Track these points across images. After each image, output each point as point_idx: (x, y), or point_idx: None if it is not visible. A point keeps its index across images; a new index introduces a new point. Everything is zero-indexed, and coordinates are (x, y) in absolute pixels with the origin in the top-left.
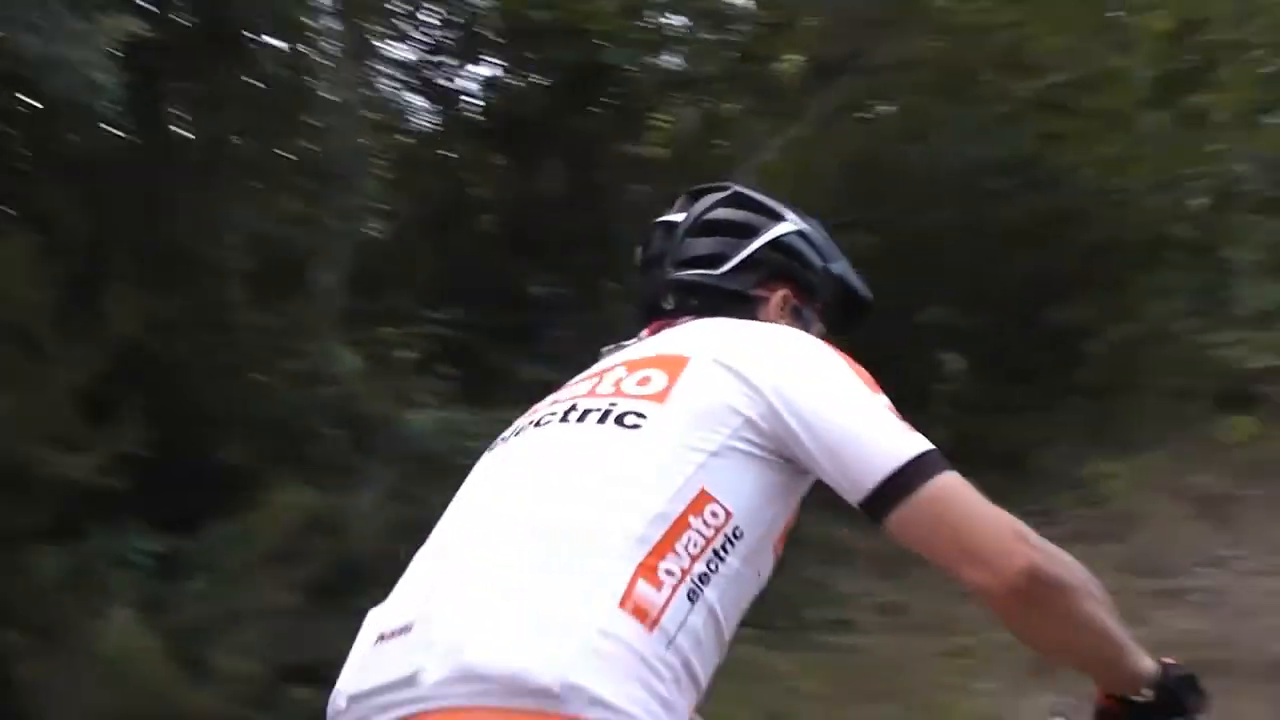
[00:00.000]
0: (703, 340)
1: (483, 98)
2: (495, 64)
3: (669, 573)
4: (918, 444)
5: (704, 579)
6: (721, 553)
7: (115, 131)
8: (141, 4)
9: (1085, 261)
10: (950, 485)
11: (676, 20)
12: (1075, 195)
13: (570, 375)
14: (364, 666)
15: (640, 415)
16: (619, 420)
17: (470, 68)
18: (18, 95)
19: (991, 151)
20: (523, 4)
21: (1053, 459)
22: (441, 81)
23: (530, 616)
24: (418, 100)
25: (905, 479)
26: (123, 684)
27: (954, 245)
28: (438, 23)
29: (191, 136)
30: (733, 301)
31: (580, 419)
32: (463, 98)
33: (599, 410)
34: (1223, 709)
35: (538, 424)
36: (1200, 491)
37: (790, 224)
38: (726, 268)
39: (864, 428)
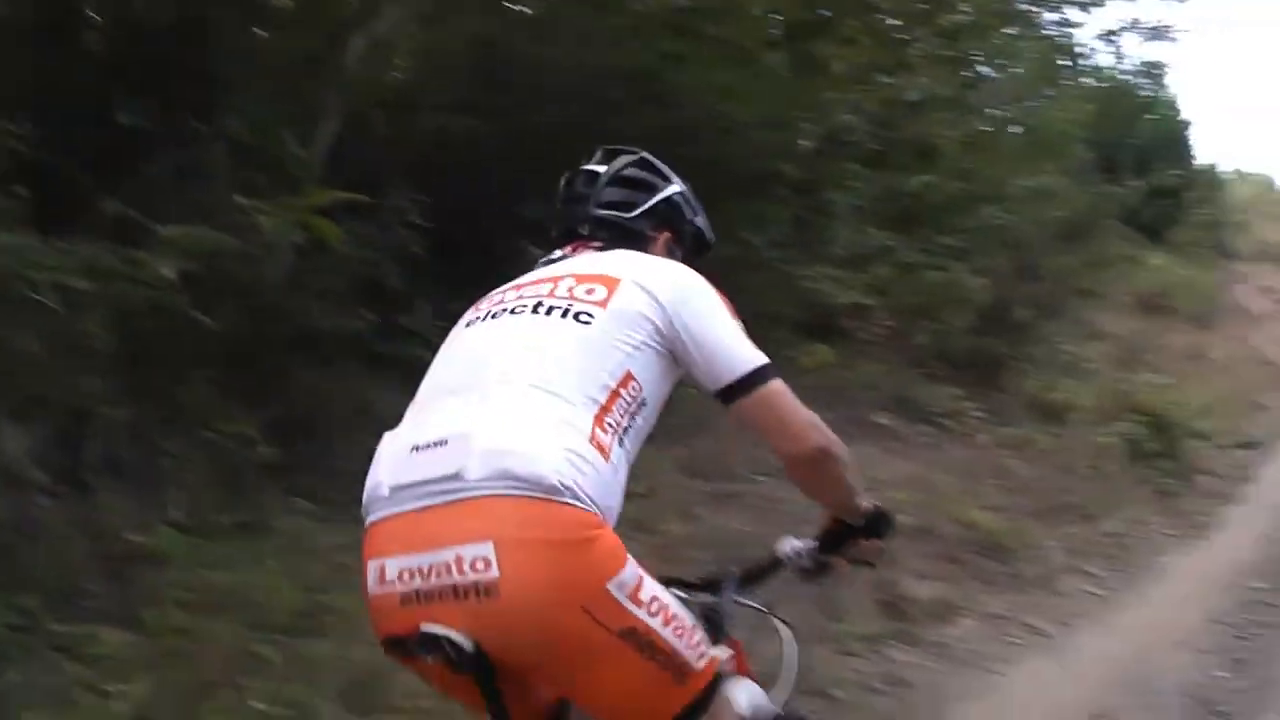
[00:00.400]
0: (628, 267)
1: None
2: None
3: (610, 425)
4: (761, 357)
5: (626, 431)
6: (635, 415)
7: None
8: None
9: (690, 181)
10: (778, 387)
11: None
12: (688, 116)
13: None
14: (404, 467)
15: (590, 315)
16: (576, 317)
17: None
18: None
19: (615, 61)
20: None
21: None
22: None
23: (539, 441)
24: None
25: (751, 380)
26: None
27: (566, 147)
28: None
29: None
30: (633, 238)
31: (548, 312)
32: None
33: (560, 308)
34: None
35: (513, 311)
36: None
37: (676, 186)
38: (634, 214)
39: (727, 340)
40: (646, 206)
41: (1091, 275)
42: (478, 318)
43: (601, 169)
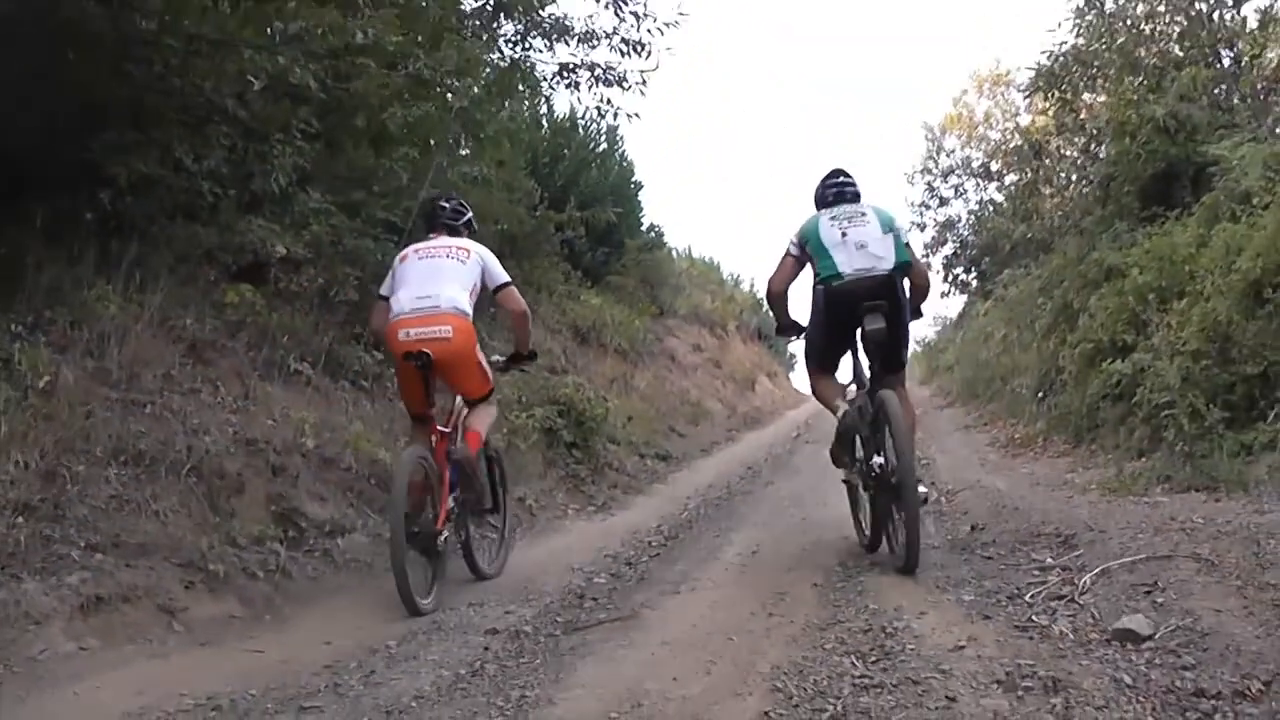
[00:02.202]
0: (472, 243)
1: None
2: None
3: (470, 298)
4: (507, 276)
5: (474, 302)
6: (475, 298)
7: None
8: None
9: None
10: (513, 286)
11: None
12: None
13: None
14: (408, 304)
15: (464, 261)
16: (460, 260)
17: None
18: None
19: None
20: None
21: (60, 280)
22: None
23: (459, 299)
24: None
25: (506, 284)
26: None
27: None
28: None
29: None
30: (460, 232)
31: (448, 256)
32: None
33: (453, 258)
34: None
35: (434, 256)
36: (187, 334)
37: (469, 214)
38: (463, 221)
39: (498, 269)
40: (467, 218)
41: (528, 291)
42: (419, 256)
43: (446, 202)
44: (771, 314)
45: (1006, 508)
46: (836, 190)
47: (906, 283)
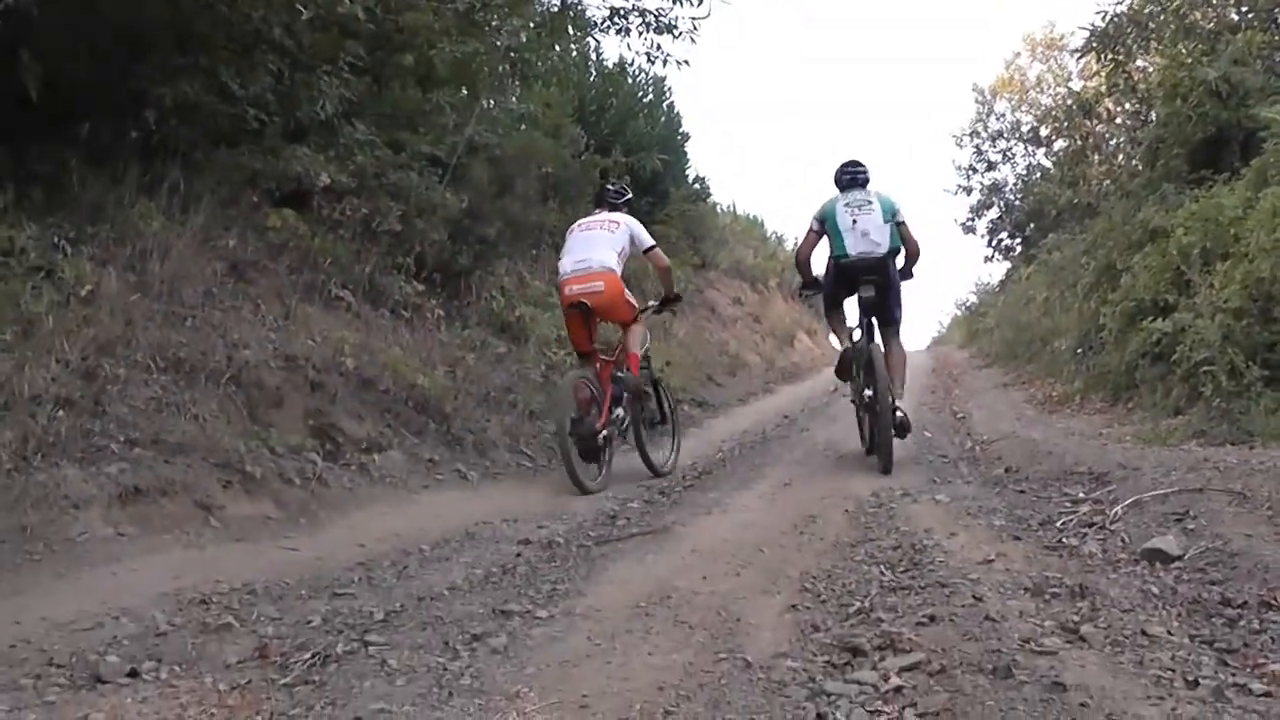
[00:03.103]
0: (623, 216)
1: None
2: None
3: (617, 268)
4: (652, 240)
5: (623, 265)
6: (624, 260)
7: None
8: None
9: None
10: (657, 249)
11: None
12: None
13: None
14: (570, 270)
15: (613, 231)
16: (610, 231)
17: None
18: None
19: None
20: None
21: (103, 198)
22: None
23: (611, 262)
24: None
25: (651, 247)
26: None
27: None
28: None
29: None
30: (620, 208)
31: (601, 228)
32: None
33: (605, 229)
34: None
35: (588, 229)
36: (229, 254)
37: (629, 194)
38: (623, 200)
39: (646, 236)
40: (628, 197)
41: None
42: (580, 230)
43: (611, 186)
44: (799, 274)
45: (1041, 452)
46: (850, 177)
47: (900, 256)
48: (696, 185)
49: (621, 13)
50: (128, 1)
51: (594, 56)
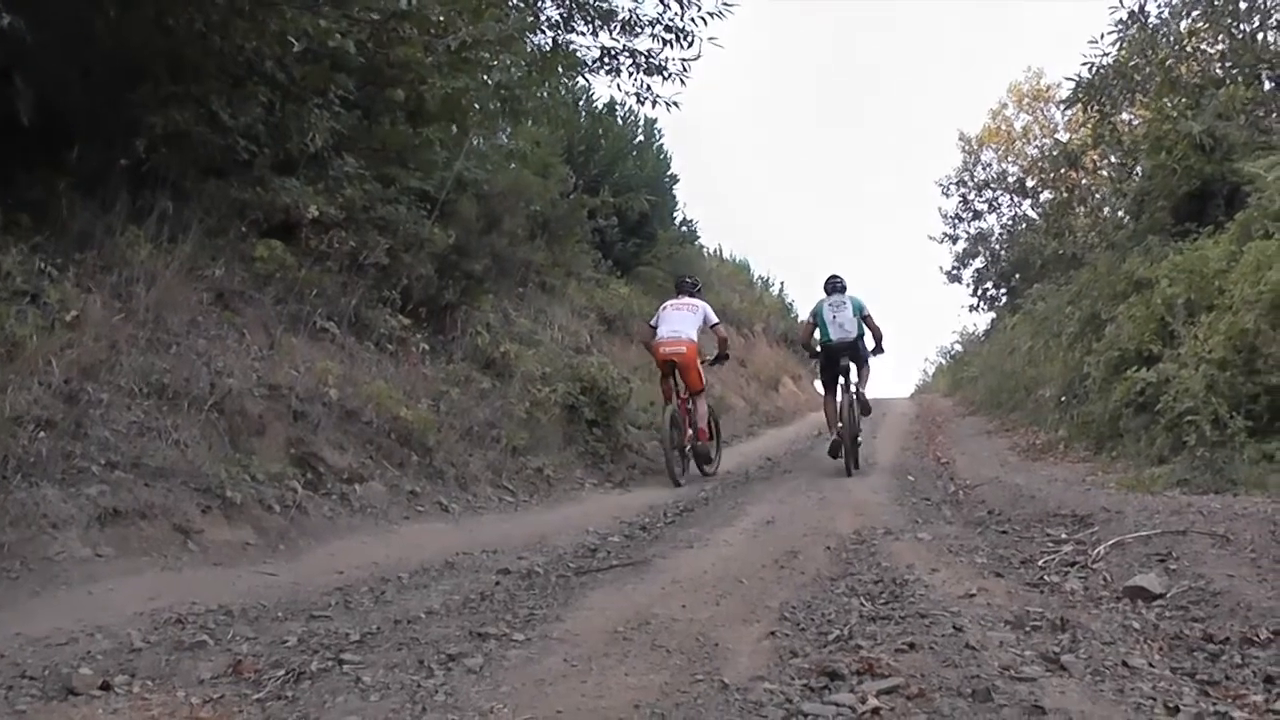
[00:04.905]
0: (700, 301)
1: None
2: None
3: (696, 338)
4: (718, 318)
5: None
6: (701, 335)
7: None
8: None
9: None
10: (720, 324)
11: None
12: None
13: None
14: (666, 335)
15: (694, 311)
16: (691, 311)
17: None
18: None
19: None
20: None
21: (91, 225)
22: None
23: (692, 335)
24: None
25: (716, 324)
26: None
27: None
28: None
29: None
30: (697, 295)
31: (686, 310)
32: None
33: (688, 309)
34: None
35: (678, 309)
36: (215, 283)
37: (700, 284)
38: (696, 289)
39: (714, 315)
40: (698, 288)
41: (557, 273)
42: (673, 308)
43: (689, 280)
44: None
45: (1024, 496)
46: (832, 285)
47: (868, 337)
48: (684, 228)
49: (612, 53)
50: (122, 29)
51: (585, 97)
